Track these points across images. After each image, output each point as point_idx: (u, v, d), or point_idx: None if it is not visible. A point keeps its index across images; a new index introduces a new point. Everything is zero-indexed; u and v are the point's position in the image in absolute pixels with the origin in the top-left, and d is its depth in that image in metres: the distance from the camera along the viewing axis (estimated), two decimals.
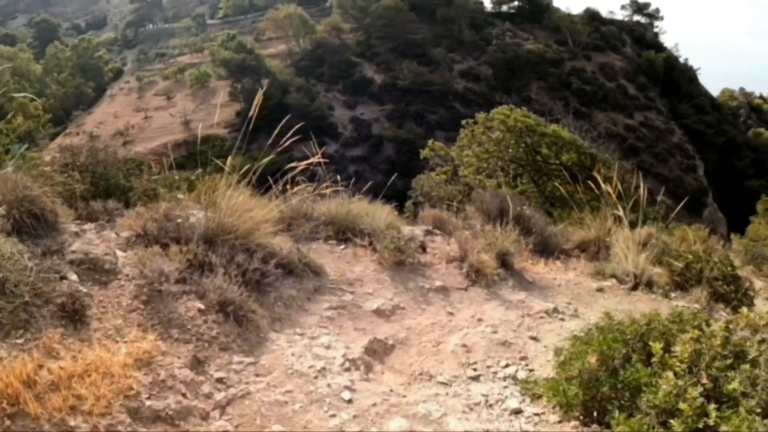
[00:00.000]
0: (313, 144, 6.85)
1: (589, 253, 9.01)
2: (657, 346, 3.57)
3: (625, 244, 8.91)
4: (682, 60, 77.65)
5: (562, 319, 6.29)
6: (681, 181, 56.76)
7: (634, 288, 8.06)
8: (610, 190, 9.46)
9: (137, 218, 4.74)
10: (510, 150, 14.65)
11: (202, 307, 3.86)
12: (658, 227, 11.37)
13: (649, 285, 8.12)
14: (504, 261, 7.06)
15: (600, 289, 7.70)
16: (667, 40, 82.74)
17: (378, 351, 4.40)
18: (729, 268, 9.14)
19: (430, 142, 16.70)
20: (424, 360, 4.52)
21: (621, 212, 9.23)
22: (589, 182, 11.53)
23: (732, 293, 8.12)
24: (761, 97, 77.95)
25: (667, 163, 59.93)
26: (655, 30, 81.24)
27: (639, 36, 78.63)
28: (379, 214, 7.68)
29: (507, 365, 4.72)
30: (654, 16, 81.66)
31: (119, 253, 4.34)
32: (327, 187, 7.07)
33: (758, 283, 11.63)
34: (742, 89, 79.04)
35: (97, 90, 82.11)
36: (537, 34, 72.77)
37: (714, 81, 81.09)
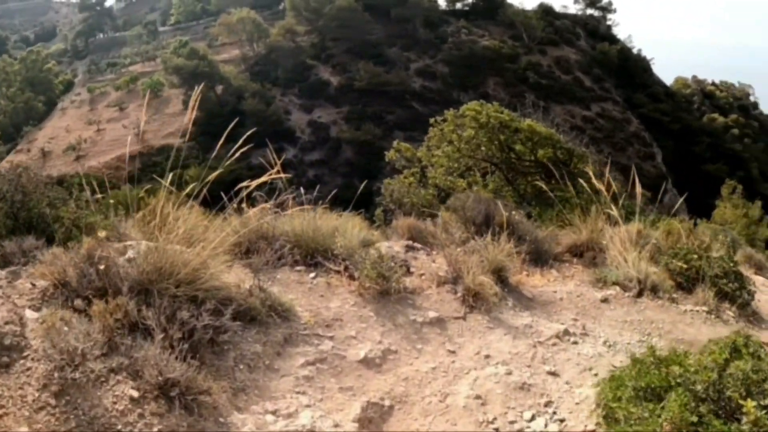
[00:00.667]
0: (270, 151, 6.03)
1: (586, 259, 8.22)
2: (750, 405, 2.71)
3: (622, 246, 8.18)
4: (635, 51, 78.54)
5: (575, 342, 5.51)
6: (640, 169, 57.06)
7: (639, 295, 7.35)
8: (601, 186, 8.75)
9: (53, 263, 3.67)
10: (483, 148, 13.83)
11: (136, 394, 2.83)
12: (645, 222, 10.74)
13: (654, 290, 7.42)
14: (499, 277, 6.18)
15: (605, 300, 6.94)
16: (620, 33, 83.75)
17: (374, 418, 3.45)
18: (731, 264, 8.52)
19: (395, 143, 15.71)
20: (432, 422, 3.59)
21: (614, 211, 8.55)
22: (568, 178, 10.92)
23: (737, 291, 7.60)
24: (713, 84, 79.34)
25: (625, 152, 60.31)
26: (608, 23, 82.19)
27: (593, 29, 79.27)
28: (351, 229, 6.75)
29: (533, 417, 3.85)
30: (607, 9, 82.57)
31: (29, 316, 3.27)
32: (289, 202, 6.09)
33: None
34: (694, 77, 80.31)
35: (47, 104, 78.62)
36: (492, 31, 72.57)
37: (672, 71, 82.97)
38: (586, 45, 75.35)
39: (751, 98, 79.26)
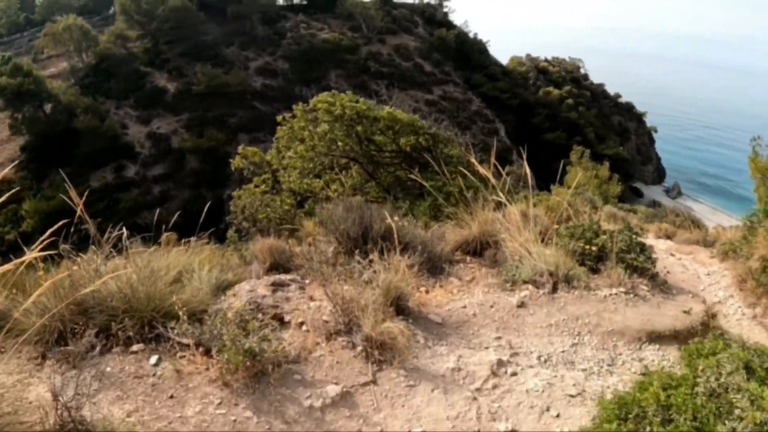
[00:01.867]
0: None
1: (486, 258, 7.14)
2: None
3: (520, 235, 7.24)
4: (472, 35, 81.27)
5: (514, 374, 4.45)
6: (486, 146, 59.38)
7: (554, 289, 6.42)
8: (486, 172, 7.81)
9: None
10: (340, 143, 12.48)
11: None
12: (526, 202, 10.04)
13: (568, 280, 6.54)
14: (398, 306, 4.83)
15: (521, 305, 5.95)
16: (456, 19, 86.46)
17: None
18: (634, 236, 7.93)
19: (240, 148, 13.85)
20: None
21: (501, 197, 7.64)
22: (440, 165, 9.96)
23: (645, 263, 7.44)
24: (546, 60, 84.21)
25: (470, 130, 61.98)
26: (445, 10, 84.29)
27: (430, 16, 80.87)
28: (200, 270, 5.14)
29: None
30: None
31: None
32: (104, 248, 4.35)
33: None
34: (528, 55, 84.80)
35: None
36: (331, 23, 71.60)
37: (516, 52, 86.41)
38: (424, 32, 76.76)
39: (582, 71, 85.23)
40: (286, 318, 4.64)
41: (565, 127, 67.57)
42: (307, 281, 5.72)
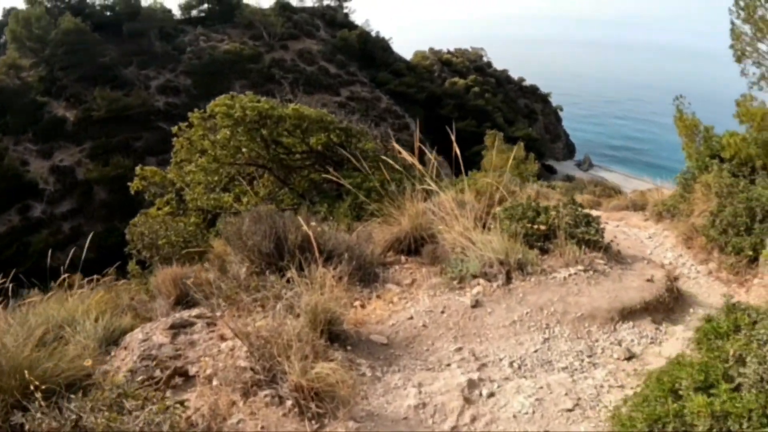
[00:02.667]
0: None
1: (425, 255, 6.20)
2: None
3: (458, 225, 6.36)
4: (374, 34, 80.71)
5: (491, 394, 3.48)
6: (399, 140, 59.13)
7: (509, 280, 5.51)
8: (413, 159, 6.91)
9: None
10: (244, 150, 11.25)
11: None
12: (456, 188, 9.29)
13: (521, 267, 5.65)
14: (331, 334, 3.78)
15: (476, 304, 4.93)
16: (358, 19, 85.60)
17: None
18: (579, 209, 7.26)
19: (137, 169, 12.35)
20: None
21: (432, 184, 6.79)
22: (358, 161, 8.98)
23: (596, 235, 6.98)
24: (449, 52, 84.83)
25: (381, 127, 61.90)
26: (345, 11, 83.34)
27: (331, 18, 79.67)
28: (85, 322, 3.97)
29: None
30: None
31: None
32: None
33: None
34: (431, 49, 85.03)
35: None
36: (231, 34, 69.24)
37: (424, 46, 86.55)
38: (327, 35, 75.68)
39: (485, 59, 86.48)
40: (192, 370, 3.51)
41: (474, 115, 68.27)
42: (219, 314, 4.59)
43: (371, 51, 75.91)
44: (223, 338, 3.93)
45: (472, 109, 70.24)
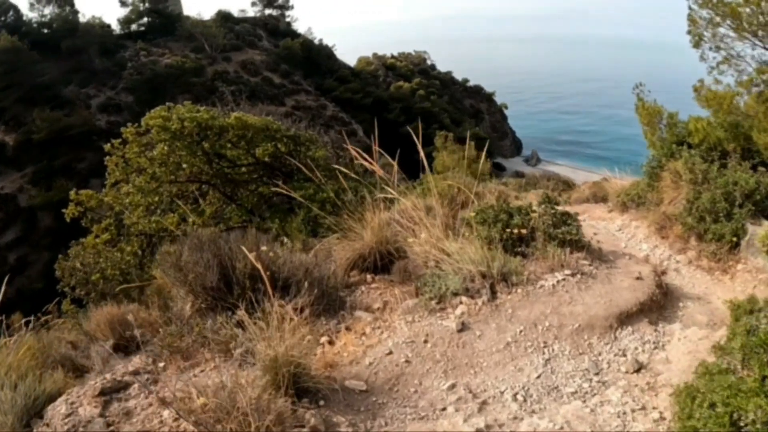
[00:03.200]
0: None
1: (395, 273, 5.47)
2: None
3: (430, 233, 5.69)
4: (317, 41, 79.55)
5: None
6: (346, 149, 58.44)
7: (494, 295, 4.85)
8: (373, 165, 6.24)
9: None
10: (185, 165, 10.29)
11: None
12: (418, 192, 8.70)
13: (505, 278, 4.99)
14: (299, 389, 3.00)
15: (461, 327, 4.24)
16: (300, 27, 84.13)
17: None
18: (555, 207, 6.71)
19: (71, 193, 11.17)
20: None
21: (392, 191, 6.15)
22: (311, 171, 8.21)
23: (575, 234, 6.47)
24: (393, 56, 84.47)
25: (328, 135, 61.05)
26: (288, 20, 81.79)
27: (273, 28, 78.07)
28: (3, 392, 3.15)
29: None
30: (284, 6, 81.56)
31: None
32: None
33: None
34: (375, 54, 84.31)
35: None
36: (172, 47, 66.98)
37: (365, 52, 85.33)
38: (270, 44, 74.24)
39: (428, 62, 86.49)
40: None
41: (421, 118, 67.86)
42: (163, 365, 3.77)
43: (315, 59, 74.89)
44: (165, 403, 3.11)
45: (419, 112, 69.89)
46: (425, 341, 3.94)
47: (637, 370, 4.10)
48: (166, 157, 9.67)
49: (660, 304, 6.02)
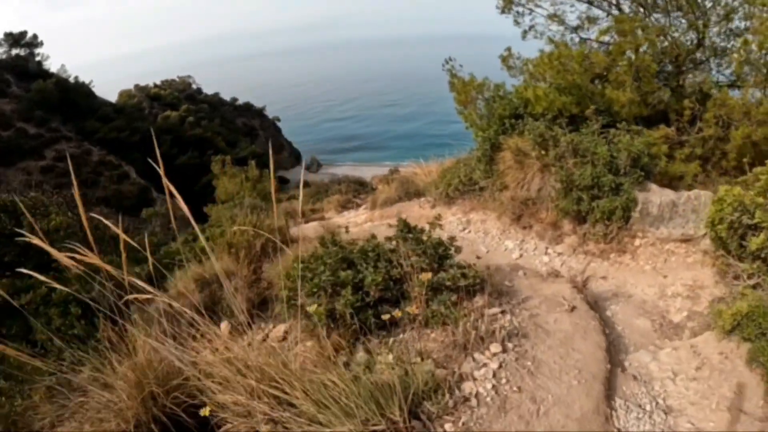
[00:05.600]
0: None
1: None
2: None
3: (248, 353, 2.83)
4: (72, 79, 69.05)
5: None
6: (120, 193, 51.72)
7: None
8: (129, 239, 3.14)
9: None
10: None
11: None
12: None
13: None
14: None
15: None
16: (53, 66, 71.33)
17: None
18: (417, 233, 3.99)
19: None
20: None
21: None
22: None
23: (471, 277, 4.12)
24: (156, 85, 76.56)
25: (99, 184, 53.65)
26: (38, 59, 69.11)
27: (22, 70, 65.56)
28: None
29: None
30: (33, 44, 68.78)
31: None
32: None
33: None
34: (136, 85, 75.01)
35: None
36: None
37: (121, 86, 75.97)
38: (20, 89, 62.51)
39: (194, 86, 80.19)
40: None
41: (195, 146, 62.87)
42: None
43: (73, 99, 64.67)
44: None
45: (191, 140, 64.74)
46: None
47: None
48: None
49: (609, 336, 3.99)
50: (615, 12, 7.50)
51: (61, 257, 2.77)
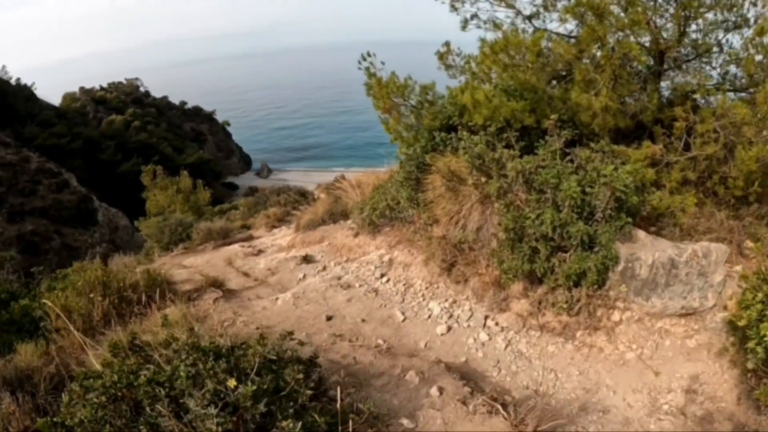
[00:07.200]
0: None
1: None
2: None
3: None
4: (13, 82, 63.86)
5: None
6: (60, 203, 47.89)
7: None
8: None
9: None
10: None
11: None
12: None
13: None
14: None
15: None
16: None
17: None
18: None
19: None
20: None
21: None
22: None
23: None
24: (102, 88, 71.55)
25: (37, 194, 49.50)
26: None
27: None
28: None
29: None
30: None
31: None
32: None
33: None
34: (82, 88, 69.74)
35: None
36: None
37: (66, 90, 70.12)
38: None
39: (142, 89, 75.61)
40: None
41: (139, 152, 59.04)
42: None
43: (12, 103, 59.90)
44: None
45: (136, 146, 60.78)
46: None
47: None
48: None
49: None
50: None
51: None
